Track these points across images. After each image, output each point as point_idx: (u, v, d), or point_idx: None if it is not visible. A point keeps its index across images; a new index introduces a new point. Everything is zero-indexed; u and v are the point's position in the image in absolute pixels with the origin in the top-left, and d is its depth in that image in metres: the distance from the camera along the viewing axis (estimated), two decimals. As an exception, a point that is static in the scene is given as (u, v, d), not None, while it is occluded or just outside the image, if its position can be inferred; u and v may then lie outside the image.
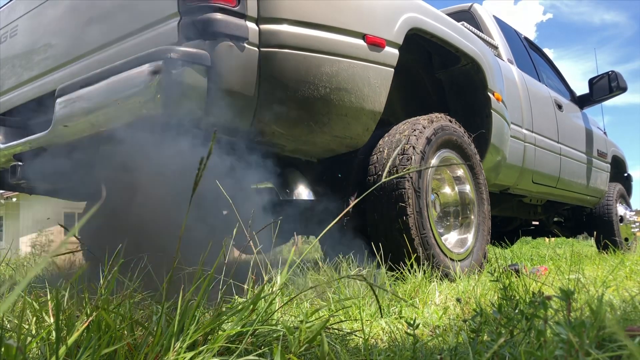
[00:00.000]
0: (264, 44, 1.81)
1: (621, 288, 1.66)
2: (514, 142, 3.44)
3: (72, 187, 2.74)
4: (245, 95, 1.80)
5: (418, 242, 2.17)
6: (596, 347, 0.74)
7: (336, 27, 2.02)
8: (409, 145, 2.27)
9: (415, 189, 2.21)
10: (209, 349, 0.83)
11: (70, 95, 1.92)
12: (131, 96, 1.71)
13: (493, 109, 2.93)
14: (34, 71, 2.35)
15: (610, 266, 2.61)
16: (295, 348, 0.86)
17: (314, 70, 1.93)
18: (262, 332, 0.95)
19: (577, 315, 0.90)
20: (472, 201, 2.65)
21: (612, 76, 4.68)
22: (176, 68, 1.64)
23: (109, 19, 2.03)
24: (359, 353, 0.99)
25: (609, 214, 5.06)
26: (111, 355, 0.80)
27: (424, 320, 1.32)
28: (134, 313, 1.05)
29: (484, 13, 3.98)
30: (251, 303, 0.95)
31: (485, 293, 1.65)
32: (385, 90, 2.24)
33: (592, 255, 4.11)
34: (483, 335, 0.90)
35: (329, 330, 1.11)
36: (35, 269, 0.44)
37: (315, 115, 2.02)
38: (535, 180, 3.81)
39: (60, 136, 1.99)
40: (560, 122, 4.20)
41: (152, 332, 0.83)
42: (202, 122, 1.78)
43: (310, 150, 2.27)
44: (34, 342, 0.80)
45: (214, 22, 1.72)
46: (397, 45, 2.28)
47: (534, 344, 0.79)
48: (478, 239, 2.65)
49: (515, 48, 4.12)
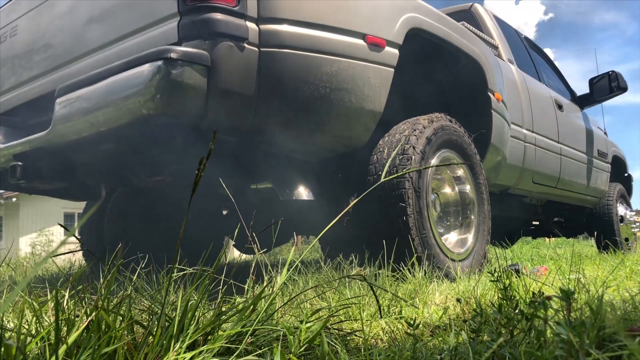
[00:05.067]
0: (264, 44, 1.81)
1: (621, 288, 1.66)
2: (514, 142, 3.44)
3: (72, 187, 2.75)
4: (245, 95, 1.79)
5: (418, 242, 2.17)
6: (596, 347, 0.74)
7: (336, 27, 2.02)
8: (409, 145, 2.27)
9: (415, 189, 2.21)
10: (209, 349, 0.83)
11: (69, 95, 1.92)
12: (131, 96, 1.71)
13: (493, 109, 2.93)
14: (34, 71, 2.35)
15: (611, 266, 2.61)
16: (295, 348, 0.86)
17: (314, 70, 1.93)
18: (262, 332, 0.95)
19: (577, 315, 0.89)
20: (472, 201, 2.65)
21: (612, 76, 4.68)
22: (176, 68, 1.64)
23: (108, 19, 2.03)
24: (359, 353, 0.99)
25: (609, 214, 5.06)
26: (111, 355, 0.80)
27: (424, 320, 1.32)
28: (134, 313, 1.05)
29: (484, 13, 3.98)
30: (251, 303, 0.95)
31: (485, 293, 1.65)
32: (386, 90, 2.23)
33: (592, 255, 4.11)
34: (483, 335, 0.90)
35: (329, 330, 1.11)
36: (35, 269, 0.44)
37: (315, 115, 2.02)
38: (535, 180, 3.81)
39: (60, 136, 1.99)
40: (561, 122, 4.20)
41: (152, 332, 0.83)
42: (202, 122, 1.77)
43: (310, 150, 2.27)
44: (34, 342, 0.80)
45: (214, 22, 1.72)
46: (397, 45, 2.28)
47: (534, 344, 0.79)
48: (478, 239, 2.64)
49: (516, 48, 4.12)
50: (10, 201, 15.50)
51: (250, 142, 2.03)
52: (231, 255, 6.39)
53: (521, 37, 4.54)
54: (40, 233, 12.90)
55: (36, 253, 9.86)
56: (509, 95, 3.39)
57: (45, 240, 12.65)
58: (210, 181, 2.47)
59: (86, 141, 2.00)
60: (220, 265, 1.42)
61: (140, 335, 0.90)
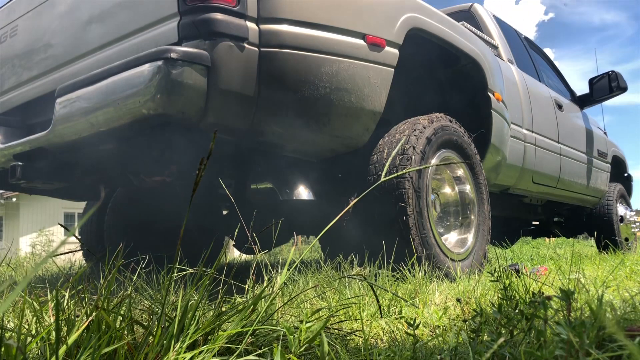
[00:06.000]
0: (264, 44, 1.81)
1: (621, 288, 1.66)
2: (514, 142, 3.44)
3: (72, 187, 2.75)
4: (245, 95, 1.79)
5: (418, 242, 2.17)
6: (596, 347, 0.74)
7: (336, 27, 2.02)
8: (409, 145, 2.27)
9: (415, 189, 2.21)
10: (209, 349, 0.83)
11: (70, 95, 1.92)
12: (131, 96, 1.71)
13: (493, 109, 2.93)
14: (34, 71, 2.35)
15: (611, 266, 2.61)
16: (295, 348, 0.86)
17: (314, 70, 1.93)
18: (262, 332, 0.95)
19: (577, 315, 0.89)
20: (472, 201, 2.65)
21: (612, 76, 4.68)
22: (176, 68, 1.64)
23: (109, 19, 2.03)
24: (359, 353, 0.99)
25: (609, 214, 5.06)
26: (111, 355, 0.80)
27: (424, 320, 1.32)
28: (134, 313, 1.05)
29: (484, 13, 3.98)
30: (251, 303, 0.95)
31: (485, 293, 1.65)
32: (386, 90, 2.23)
33: (592, 255, 4.11)
34: (483, 335, 0.90)
35: (329, 330, 1.11)
36: (35, 269, 0.44)
37: (315, 115, 2.02)
38: (535, 180, 3.81)
39: (60, 136, 1.99)
40: (561, 122, 4.20)
41: (153, 332, 0.83)
42: (202, 122, 1.77)
43: (310, 150, 2.27)
44: (34, 342, 0.80)
45: (214, 22, 1.72)
46: (397, 45, 2.28)
47: (534, 344, 0.79)
48: (478, 239, 2.65)
49: (516, 48, 4.12)
50: (10, 201, 15.50)
51: (250, 142, 2.03)
52: (231, 255, 6.39)
53: (521, 37, 4.54)
54: (40, 233, 12.90)
55: (36, 253, 9.86)
56: (509, 95, 3.39)
57: (45, 240, 12.65)
58: (211, 181, 2.47)
59: (86, 141, 2.00)
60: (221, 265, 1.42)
61: (140, 335, 0.90)
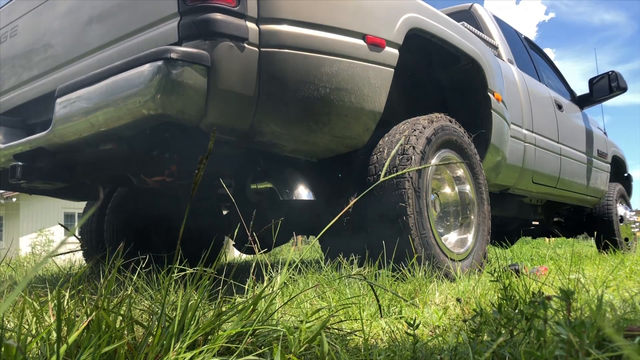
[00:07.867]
0: (264, 44, 1.81)
1: (621, 288, 1.66)
2: (514, 142, 3.44)
3: (72, 187, 2.75)
4: (245, 95, 1.80)
5: (418, 242, 2.17)
6: (596, 347, 0.74)
7: (336, 27, 2.02)
8: (409, 145, 2.27)
9: (415, 189, 2.21)
10: (209, 349, 0.83)
11: (70, 95, 1.92)
12: (131, 96, 1.71)
13: (493, 109, 2.93)
14: (34, 71, 2.35)
15: (610, 266, 2.61)
16: (295, 348, 0.86)
17: (314, 70, 1.93)
18: (262, 332, 0.95)
19: (577, 315, 0.90)
20: (472, 201, 2.65)
21: (612, 76, 4.68)
22: (176, 68, 1.64)
23: (109, 19, 2.03)
24: (359, 353, 0.99)
25: (609, 214, 5.06)
26: (111, 355, 0.80)
27: (424, 320, 1.32)
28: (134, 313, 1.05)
29: (484, 13, 3.98)
30: (251, 303, 0.95)
31: (485, 293, 1.65)
32: (385, 91, 2.24)
33: (592, 255, 4.11)
34: (483, 335, 0.90)
35: (329, 330, 1.11)
36: (35, 269, 0.44)
37: (315, 115, 2.02)
38: (535, 180, 3.81)
39: (61, 136, 1.99)
40: (561, 122, 4.20)
41: (153, 332, 0.83)
42: (202, 122, 1.78)
43: (310, 150, 2.27)
44: (34, 342, 0.80)
45: (214, 22, 1.72)
46: (397, 45, 2.28)
47: (534, 344, 0.79)
48: (478, 239, 2.65)
49: (516, 48, 4.12)
50: (10, 201, 15.50)
51: (250, 142, 2.03)
52: (231, 255, 6.39)
53: (521, 37, 4.54)
54: (40, 233, 12.90)
55: (36, 253, 9.86)
56: (509, 95, 3.39)
57: (45, 240, 12.65)
58: (210, 181, 2.47)
59: (86, 141, 2.00)
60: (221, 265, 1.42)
61: (140, 335, 0.90)
